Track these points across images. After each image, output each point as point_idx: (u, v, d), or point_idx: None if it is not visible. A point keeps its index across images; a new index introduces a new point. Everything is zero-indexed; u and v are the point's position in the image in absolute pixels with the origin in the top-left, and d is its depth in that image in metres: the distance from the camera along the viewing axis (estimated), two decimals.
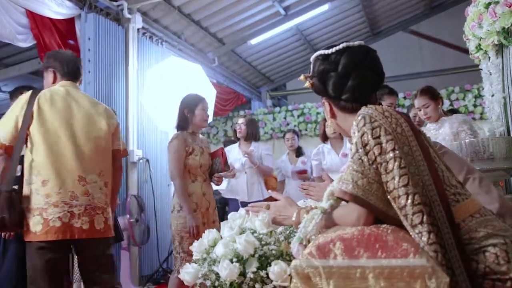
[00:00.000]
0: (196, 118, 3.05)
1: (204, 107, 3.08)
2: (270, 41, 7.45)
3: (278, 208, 1.44)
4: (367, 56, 1.34)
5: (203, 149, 3.07)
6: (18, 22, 3.93)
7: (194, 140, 3.07)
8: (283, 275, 1.27)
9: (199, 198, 2.97)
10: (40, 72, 6.34)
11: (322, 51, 1.36)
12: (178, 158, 2.94)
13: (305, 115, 7.23)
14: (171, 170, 2.96)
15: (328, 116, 1.40)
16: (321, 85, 1.36)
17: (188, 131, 3.07)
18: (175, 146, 2.97)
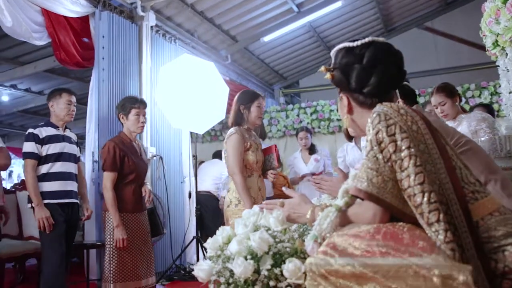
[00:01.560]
0: (251, 115, 3.02)
1: (259, 104, 3.04)
2: (283, 38, 7.44)
3: (293, 205, 1.44)
4: (393, 52, 1.34)
5: (258, 145, 3.04)
6: (34, 20, 3.97)
7: (250, 136, 3.04)
8: (297, 272, 1.27)
9: (256, 192, 2.93)
10: (55, 70, 6.44)
11: (346, 44, 1.35)
12: (239, 153, 2.89)
13: (318, 112, 7.18)
14: (231, 165, 2.89)
15: (344, 111, 1.39)
16: (343, 77, 1.34)
17: (244, 127, 3.04)
18: (234, 141, 2.92)
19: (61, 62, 4.36)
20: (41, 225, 2.93)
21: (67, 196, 3.16)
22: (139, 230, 3.12)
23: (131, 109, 3.19)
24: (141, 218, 3.16)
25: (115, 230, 2.96)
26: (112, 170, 3.02)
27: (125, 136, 3.22)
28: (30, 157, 3.05)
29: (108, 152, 3.03)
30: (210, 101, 4.48)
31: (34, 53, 6.00)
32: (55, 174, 3.12)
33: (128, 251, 3.00)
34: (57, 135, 3.20)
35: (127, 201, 3.08)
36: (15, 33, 3.84)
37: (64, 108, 3.24)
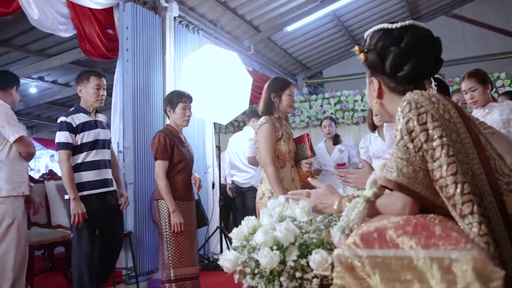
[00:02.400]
0: (282, 104, 2.92)
1: (291, 92, 2.95)
2: (306, 28, 7.35)
3: (319, 196, 1.41)
4: (433, 39, 1.29)
5: (289, 134, 2.96)
6: (60, 12, 4.02)
7: (281, 125, 2.95)
8: (324, 264, 1.25)
9: (289, 183, 2.85)
10: (81, 62, 6.53)
11: (384, 25, 1.31)
12: (270, 143, 2.81)
13: (342, 103, 7.10)
14: (263, 156, 2.81)
15: (373, 95, 1.35)
16: (378, 60, 1.30)
17: (275, 116, 2.95)
18: (266, 131, 2.82)
19: (86, 53, 4.41)
20: (75, 220, 2.88)
21: (104, 185, 3.12)
22: (190, 218, 3.15)
23: (178, 103, 3.19)
24: (191, 207, 3.20)
25: (171, 215, 2.99)
26: (163, 158, 3.06)
27: (172, 128, 3.24)
28: (64, 147, 2.96)
29: (159, 142, 3.06)
30: (233, 91, 4.47)
31: (60, 45, 6.09)
32: (91, 163, 3.06)
33: (183, 237, 3.03)
34: (90, 122, 3.10)
35: (178, 189, 3.10)
36: (42, 25, 3.89)
37: (92, 94, 3.11)
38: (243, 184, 5.24)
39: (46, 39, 5.84)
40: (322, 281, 1.28)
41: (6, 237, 2.81)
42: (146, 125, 4.44)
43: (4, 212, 2.81)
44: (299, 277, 1.28)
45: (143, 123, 4.40)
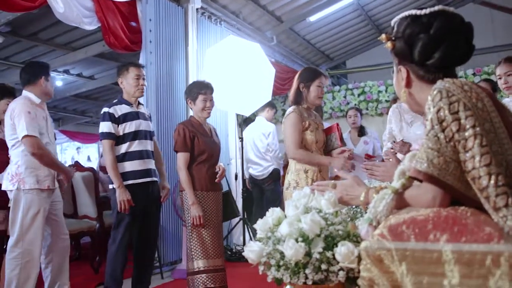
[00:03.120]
0: (310, 95, 2.91)
1: (320, 83, 2.91)
2: (329, 18, 7.25)
3: (345, 187, 1.39)
4: (464, 24, 1.23)
5: (318, 125, 2.93)
6: (84, 5, 4.06)
7: (310, 115, 2.93)
8: (350, 256, 1.23)
9: (315, 174, 2.86)
10: (105, 54, 6.60)
11: (412, 11, 1.26)
12: (297, 132, 2.82)
13: (366, 93, 7.01)
14: (289, 145, 2.84)
15: (401, 84, 1.31)
16: (406, 47, 1.25)
17: (303, 106, 2.94)
18: (292, 119, 2.83)
19: (110, 46, 4.45)
20: (122, 207, 2.94)
21: (147, 175, 3.16)
22: (215, 209, 3.12)
23: (198, 94, 3.16)
24: (216, 197, 3.16)
25: (191, 208, 2.98)
26: (183, 150, 3.04)
27: (194, 119, 3.22)
28: (107, 137, 3.03)
29: (178, 134, 3.06)
30: (256, 82, 4.45)
31: (85, 38, 6.16)
32: (134, 153, 3.11)
33: (206, 229, 3.01)
34: (132, 113, 3.15)
35: (201, 179, 3.07)
36: (67, 19, 3.93)
37: (132, 83, 3.17)
38: (258, 176, 5.28)
39: (71, 32, 5.91)
40: (348, 274, 1.26)
41: (32, 226, 2.86)
42: (169, 116, 4.47)
43: (29, 202, 2.86)
44: (325, 270, 1.26)
45: (166, 114, 4.43)
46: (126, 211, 2.96)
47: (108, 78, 8.02)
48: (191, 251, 3.00)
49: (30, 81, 3.07)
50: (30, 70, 3.11)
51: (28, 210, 2.85)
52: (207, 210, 3.05)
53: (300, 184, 2.84)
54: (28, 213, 2.85)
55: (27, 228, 2.85)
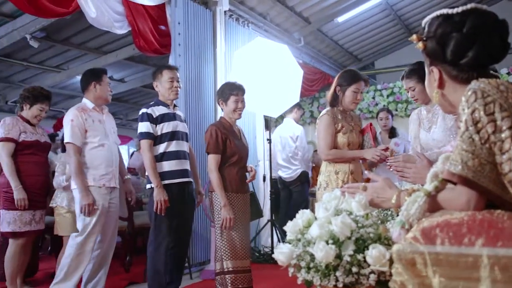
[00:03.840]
0: (345, 99, 2.94)
1: (357, 89, 2.92)
2: (358, 18, 7.19)
3: (376, 189, 1.37)
4: (498, 22, 1.20)
5: (353, 127, 2.97)
6: (115, 10, 4.15)
7: (345, 118, 2.96)
8: (381, 259, 1.21)
9: (345, 176, 2.89)
10: (135, 58, 6.72)
11: (444, 10, 1.24)
12: (329, 134, 2.88)
13: (395, 94, 6.90)
14: (321, 147, 2.91)
15: (434, 85, 1.28)
16: (438, 47, 1.23)
17: (339, 108, 2.98)
18: (324, 122, 2.91)
19: (141, 49, 4.53)
20: (158, 208, 2.99)
21: (184, 175, 3.20)
22: (243, 210, 3.12)
23: (229, 95, 3.14)
24: (245, 199, 3.16)
25: (222, 209, 2.97)
26: (215, 152, 3.03)
27: (225, 120, 3.20)
28: (146, 137, 3.08)
29: (211, 136, 3.05)
30: (284, 84, 4.45)
31: (116, 42, 6.30)
32: (172, 153, 3.15)
33: (235, 230, 3.01)
34: (169, 114, 3.20)
35: (232, 181, 3.06)
36: (98, 23, 4.04)
37: (167, 87, 3.22)
38: (286, 178, 5.28)
39: (102, 36, 6.06)
40: (380, 277, 1.25)
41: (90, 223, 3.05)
42: (198, 118, 4.52)
43: None
44: (356, 272, 1.25)
45: (195, 116, 4.48)
46: (162, 212, 3.00)
47: (138, 80, 8.17)
48: (220, 252, 3.00)
49: (84, 88, 3.29)
50: (83, 78, 3.32)
51: None
52: (236, 211, 3.05)
53: (330, 185, 2.86)
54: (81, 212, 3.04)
55: (86, 223, 3.05)
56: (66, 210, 3.51)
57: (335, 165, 2.92)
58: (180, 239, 3.20)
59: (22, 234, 3.32)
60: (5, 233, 3.32)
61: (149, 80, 7.99)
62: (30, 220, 3.32)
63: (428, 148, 2.77)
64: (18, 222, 3.28)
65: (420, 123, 2.84)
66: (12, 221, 3.27)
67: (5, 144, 3.27)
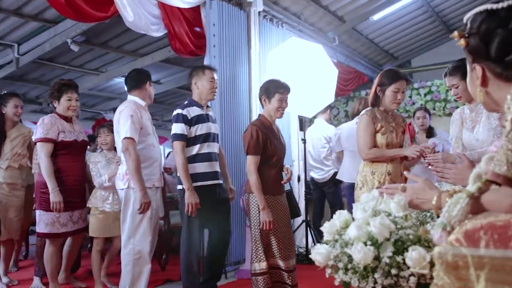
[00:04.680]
0: (385, 99, 2.90)
1: (397, 88, 2.85)
2: (393, 16, 7.06)
3: (416, 190, 1.35)
4: None
5: (394, 128, 2.93)
6: (152, 13, 4.24)
7: (385, 118, 2.93)
8: (422, 262, 1.19)
9: (382, 177, 2.86)
10: (170, 60, 6.83)
11: (488, 5, 1.20)
12: (368, 134, 2.87)
13: (432, 93, 6.74)
14: (360, 147, 2.91)
15: (476, 83, 1.24)
16: (481, 44, 1.18)
17: (380, 108, 2.95)
18: (363, 122, 2.91)
19: (176, 51, 4.61)
20: (189, 210, 3.01)
21: (215, 177, 3.21)
22: (281, 212, 3.06)
23: (274, 93, 3.05)
24: (282, 200, 3.10)
25: (261, 212, 2.89)
26: (255, 153, 2.94)
27: (265, 119, 3.10)
28: (180, 138, 3.08)
29: (251, 136, 2.94)
30: (318, 84, 4.42)
31: (152, 45, 6.43)
32: (204, 155, 3.15)
33: (275, 232, 2.97)
34: (202, 115, 3.19)
35: (269, 183, 2.99)
36: (136, 27, 4.13)
37: (207, 86, 3.22)
38: (319, 179, 5.25)
39: (139, 39, 6.20)
40: (420, 280, 1.22)
41: (141, 224, 3.02)
42: (232, 119, 4.54)
43: (138, 201, 3.01)
44: (395, 274, 1.23)
45: (229, 117, 4.51)
46: (193, 214, 3.02)
47: (173, 82, 8.30)
48: (256, 253, 2.96)
49: (136, 86, 3.26)
50: (136, 77, 3.30)
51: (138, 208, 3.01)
52: (275, 213, 3.00)
53: (366, 185, 2.84)
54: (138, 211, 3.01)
55: (137, 226, 3.00)
56: (100, 211, 3.48)
57: (372, 165, 2.90)
58: (216, 238, 3.22)
59: (59, 235, 3.36)
60: (42, 234, 3.33)
61: (185, 81, 8.17)
62: (67, 221, 3.34)
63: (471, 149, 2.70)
64: (56, 223, 3.29)
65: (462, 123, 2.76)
66: (50, 222, 3.28)
67: (44, 145, 3.25)
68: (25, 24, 5.50)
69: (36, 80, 7.98)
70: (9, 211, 3.77)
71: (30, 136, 4.01)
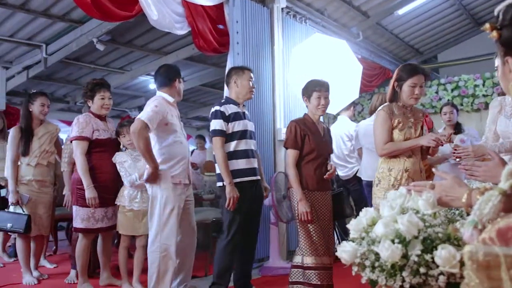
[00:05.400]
0: (403, 94, 2.83)
1: (414, 83, 2.77)
2: (419, 10, 6.93)
3: (445, 188, 1.32)
4: None
5: (413, 123, 2.85)
6: (176, 12, 4.28)
7: (404, 114, 2.85)
8: (451, 260, 1.16)
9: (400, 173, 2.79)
10: (194, 57, 6.88)
11: None
12: (384, 130, 2.81)
13: (460, 88, 6.59)
14: (377, 143, 2.85)
15: (510, 77, 1.20)
16: None
17: (398, 104, 2.87)
18: (380, 118, 2.84)
19: (200, 49, 4.63)
20: (230, 204, 3.08)
21: (253, 173, 3.26)
22: (323, 208, 3.09)
23: (312, 92, 3.13)
24: (324, 197, 3.11)
25: (298, 204, 2.99)
26: (293, 147, 3.06)
27: (308, 117, 3.21)
28: (219, 134, 3.15)
29: (290, 131, 3.09)
30: (343, 80, 4.37)
31: (175, 43, 6.48)
32: (242, 151, 3.21)
33: (314, 227, 3.00)
34: (239, 113, 3.27)
35: (308, 179, 3.06)
36: (160, 25, 4.17)
37: (246, 86, 3.31)
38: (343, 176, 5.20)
39: (163, 38, 6.26)
40: (449, 279, 1.20)
41: (168, 222, 3.03)
42: (256, 116, 4.54)
43: (166, 199, 3.03)
44: (424, 273, 1.20)
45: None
46: (233, 208, 3.08)
47: (197, 79, 8.35)
48: (300, 247, 3.03)
49: (165, 83, 3.25)
50: (166, 74, 3.28)
51: (165, 207, 3.02)
52: (314, 209, 3.03)
53: (382, 182, 2.80)
54: (165, 209, 3.02)
55: (164, 223, 3.02)
56: (128, 209, 3.49)
57: (389, 162, 2.82)
58: (249, 236, 3.27)
59: (94, 230, 3.47)
60: (78, 229, 3.46)
61: (208, 79, 8.24)
62: (102, 217, 3.45)
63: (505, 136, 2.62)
64: (92, 219, 3.41)
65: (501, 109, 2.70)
66: (86, 218, 3.40)
67: (80, 143, 3.39)
68: (52, 24, 5.63)
69: (63, 79, 8.16)
70: (39, 208, 3.86)
71: (57, 133, 4.11)
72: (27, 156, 3.84)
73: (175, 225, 3.04)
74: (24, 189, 3.82)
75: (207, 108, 9.84)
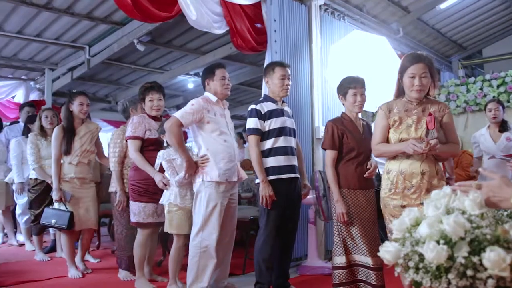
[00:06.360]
0: (405, 87, 2.58)
1: (413, 73, 2.49)
2: (462, 4, 6.70)
3: (492, 188, 1.27)
4: None
5: (414, 120, 2.56)
6: (214, 11, 4.31)
7: (408, 110, 2.58)
8: (501, 263, 1.12)
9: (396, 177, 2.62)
10: (231, 56, 6.93)
11: None
12: (378, 129, 2.65)
13: (507, 84, 6.30)
14: (372, 143, 2.73)
15: None
16: None
17: (404, 99, 2.62)
18: (377, 116, 2.71)
19: (238, 48, 4.65)
20: (264, 202, 3.10)
21: (291, 171, 3.25)
22: (365, 207, 3.01)
23: (348, 89, 3.09)
24: (367, 195, 3.04)
25: (335, 205, 2.98)
26: (331, 148, 3.04)
27: (345, 116, 3.16)
28: (254, 133, 3.18)
29: (327, 132, 3.08)
30: (383, 77, 4.28)
31: (213, 42, 6.55)
32: (279, 148, 3.20)
33: (355, 226, 2.96)
34: (277, 110, 3.27)
35: (349, 177, 3.01)
36: (199, 25, 4.22)
37: (278, 84, 3.30)
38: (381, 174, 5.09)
39: (201, 37, 6.34)
40: (499, 283, 1.15)
41: (210, 219, 3.07)
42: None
43: (208, 196, 3.08)
44: (471, 276, 1.16)
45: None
46: (268, 206, 3.09)
47: (234, 78, 8.39)
48: (336, 246, 3.01)
49: (203, 85, 3.38)
50: (202, 76, 3.41)
51: (208, 203, 3.07)
52: (356, 208, 2.98)
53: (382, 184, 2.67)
54: (208, 206, 3.07)
55: (206, 219, 3.07)
56: (178, 208, 3.35)
57: (389, 163, 2.64)
58: (287, 233, 3.26)
59: (145, 225, 3.52)
60: (133, 223, 3.55)
61: (245, 77, 8.28)
62: (152, 213, 3.50)
63: None
64: (142, 213, 3.47)
65: None
66: (137, 212, 3.48)
67: (133, 142, 3.50)
68: (95, 26, 5.81)
69: (105, 79, 8.41)
70: (80, 204, 3.99)
71: (97, 132, 4.23)
72: (69, 155, 3.97)
73: (217, 222, 3.07)
74: (67, 187, 3.96)
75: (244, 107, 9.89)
